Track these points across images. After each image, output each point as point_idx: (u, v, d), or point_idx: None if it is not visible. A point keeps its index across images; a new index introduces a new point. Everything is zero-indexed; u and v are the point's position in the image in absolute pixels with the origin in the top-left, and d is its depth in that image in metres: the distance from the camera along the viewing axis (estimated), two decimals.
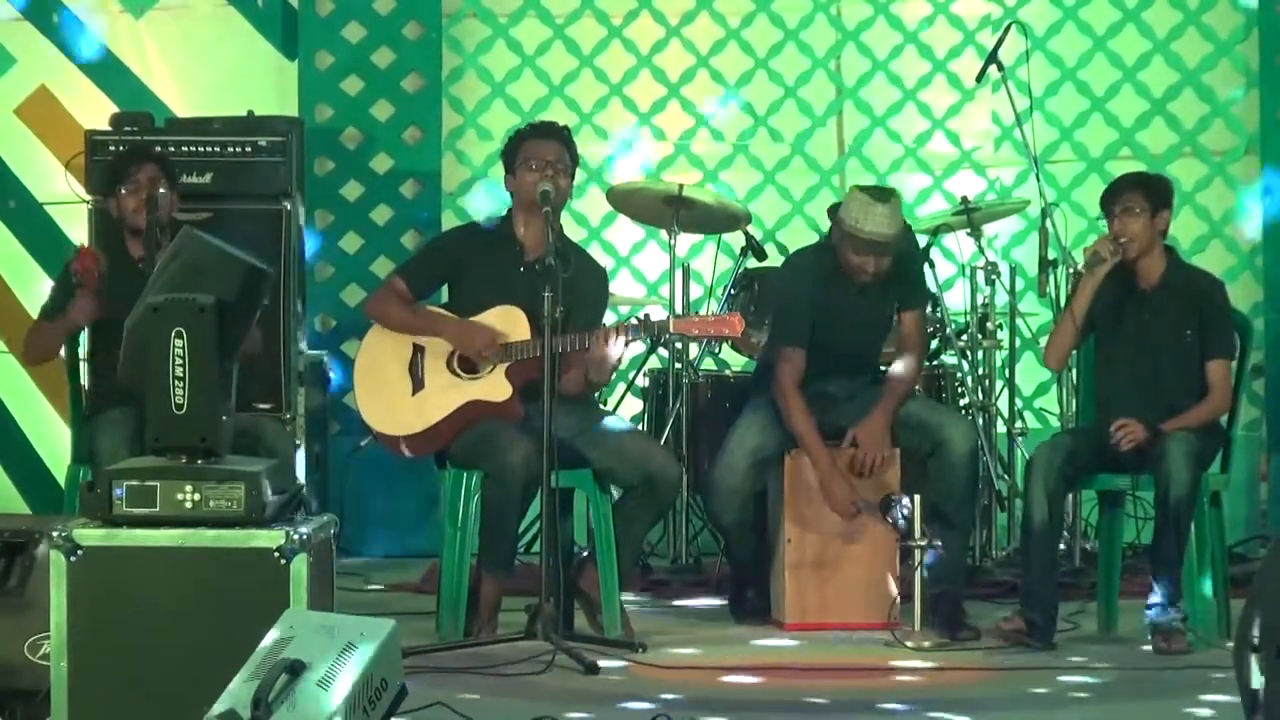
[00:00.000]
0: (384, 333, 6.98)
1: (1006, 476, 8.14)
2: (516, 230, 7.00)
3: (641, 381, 8.47)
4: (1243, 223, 8.93)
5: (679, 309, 8.19)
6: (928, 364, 8.02)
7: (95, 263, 6.86)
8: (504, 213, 7.17)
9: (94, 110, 8.75)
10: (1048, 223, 7.68)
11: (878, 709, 5.83)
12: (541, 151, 6.92)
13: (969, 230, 8.13)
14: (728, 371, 8.46)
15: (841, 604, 7.06)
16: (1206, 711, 5.70)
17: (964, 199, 8.21)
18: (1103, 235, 6.92)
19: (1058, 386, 8.30)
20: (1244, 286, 8.57)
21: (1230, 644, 4.96)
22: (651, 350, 8.44)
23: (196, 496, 4.92)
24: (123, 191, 7.01)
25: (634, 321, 6.87)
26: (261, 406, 7.63)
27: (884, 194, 7.00)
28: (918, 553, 6.80)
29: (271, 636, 4.60)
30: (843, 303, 7.11)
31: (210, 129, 8.04)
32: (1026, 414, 8.69)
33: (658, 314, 7.48)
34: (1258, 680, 4.55)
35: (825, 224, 8.88)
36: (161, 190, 6.90)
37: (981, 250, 8.15)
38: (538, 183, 6.82)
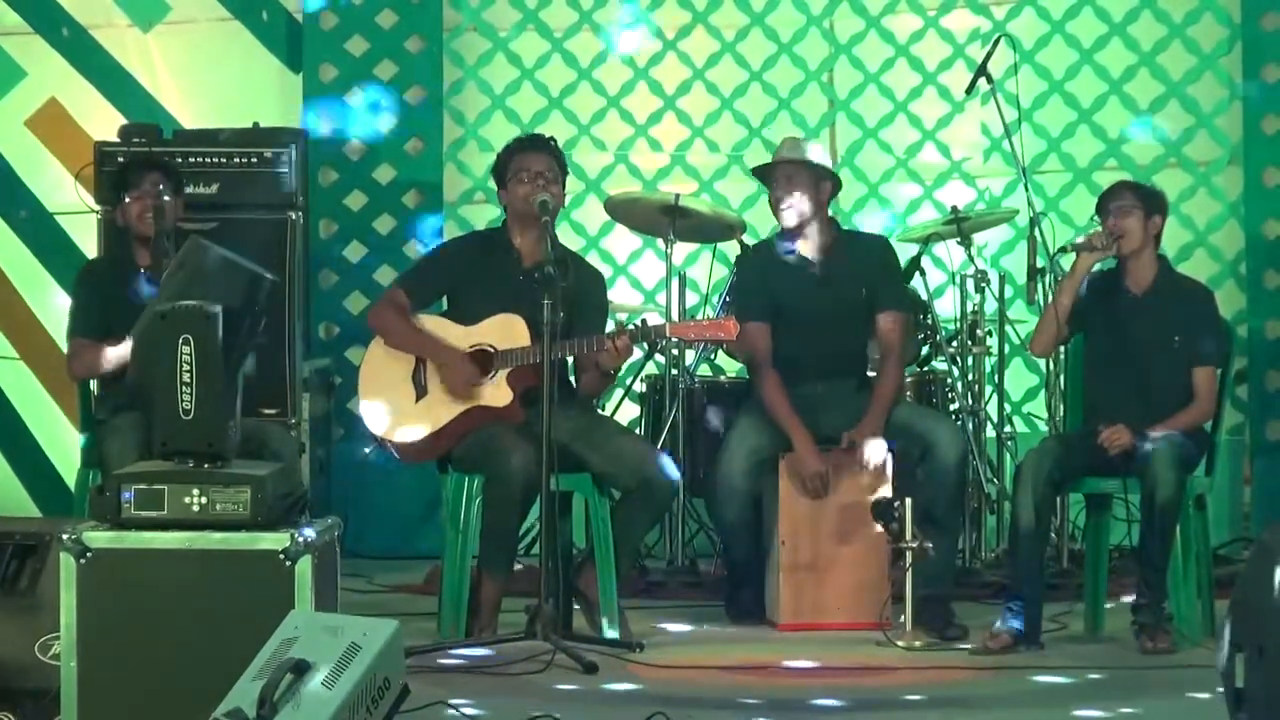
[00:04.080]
0: None
1: (995, 480, 8.16)
2: (513, 240, 7.06)
3: (639, 387, 8.49)
4: (1226, 232, 8.94)
5: (675, 316, 8.20)
6: (919, 369, 8.10)
7: None
8: (499, 224, 7.25)
9: (103, 122, 8.76)
10: (1036, 231, 7.70)
11: (870, 707, 5.88)
12: (530, 163, 6.98)
13: (959, 239, 8.17)
14: (723, 377, 8.52)
15: (834, 605, 7.11)
16: (1191, 709, 5.75)
17: (954, 208, 8.23)
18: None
19: (1045, 392, 8.30)
20: (1228, 295, 8.56)
21: (1214, 643, 5.02)
22: (649, 356, 8.46)
23: (203, 500, 4.96)
24: (127, 199, 7.02)
25: (632, 327, 6.92)
26: (267, 412, 7.64)
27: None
28: (908, 555, 6.86)
29: (277, 637, 4.66)
30: (801, 286, 7.21)
31: (217, 140, 8.03)
32: (1015, 419, 8.70)
33: (654, 321, 7.50)
34: (1241, 678, 4.60)
35: None
36: (166, 199, 6.94)
37: (971, 258, 8.18)
38: (531, 194, 6.89)
